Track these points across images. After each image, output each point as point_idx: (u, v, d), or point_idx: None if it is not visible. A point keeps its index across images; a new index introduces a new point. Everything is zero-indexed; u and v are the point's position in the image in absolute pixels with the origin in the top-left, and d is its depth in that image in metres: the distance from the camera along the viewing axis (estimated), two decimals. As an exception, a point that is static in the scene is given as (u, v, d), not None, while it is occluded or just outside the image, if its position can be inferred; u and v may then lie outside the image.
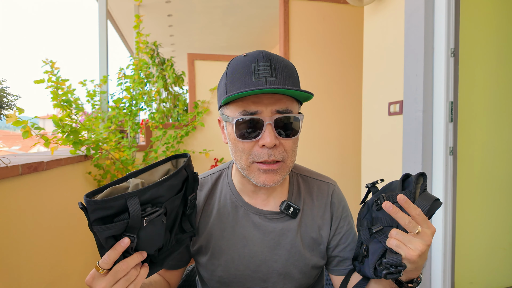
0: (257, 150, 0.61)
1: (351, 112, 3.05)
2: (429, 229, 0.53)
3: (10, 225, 1.02)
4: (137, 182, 0.52)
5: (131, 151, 2.25)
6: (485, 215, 1.79)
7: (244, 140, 0.61)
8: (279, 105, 0.60)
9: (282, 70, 0.61)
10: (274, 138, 0.59)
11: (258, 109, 0.59)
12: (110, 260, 0.47)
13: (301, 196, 0.74)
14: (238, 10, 4.02)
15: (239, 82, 0.60)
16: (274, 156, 0.61)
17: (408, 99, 1.73)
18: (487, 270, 1.80)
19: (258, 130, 0.60)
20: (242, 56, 0.63)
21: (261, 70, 0.59)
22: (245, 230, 0.71)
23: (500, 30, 1.77)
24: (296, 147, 0.66)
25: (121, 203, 0.47)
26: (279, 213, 0.71)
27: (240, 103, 0.60)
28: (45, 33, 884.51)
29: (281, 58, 0.63)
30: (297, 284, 0.73)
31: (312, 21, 2.98)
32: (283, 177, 0.65)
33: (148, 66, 2.53)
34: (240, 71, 0.61)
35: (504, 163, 1.81)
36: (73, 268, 1.54)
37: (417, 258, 0.52)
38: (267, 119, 0.59)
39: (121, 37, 4.71)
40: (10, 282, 1.00)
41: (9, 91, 0.95)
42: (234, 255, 0.71)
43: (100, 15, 2.59)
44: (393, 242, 0.53)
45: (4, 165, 0.97)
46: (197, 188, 0.61)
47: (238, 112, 0.60)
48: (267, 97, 0.59)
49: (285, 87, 0.57)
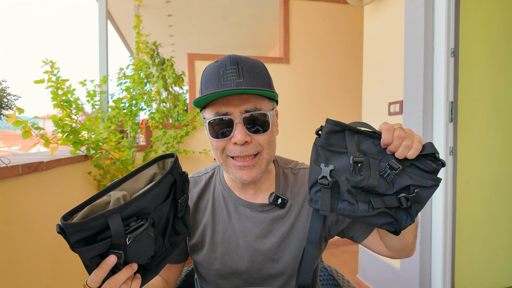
0: (230, 147, 0.66)
1: (351, 112, 3.05)
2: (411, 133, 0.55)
3: (10, 225, 1.02)
4: (118, 196, 0.49)
5: (131, 151, 2.25)
6: (485, 215, 1.78)
7: (218, 139, 0.66)
8: (247, 105, 0.65)
9: (249, 71, 0.65)
10: (244, 135, 0.64)
11: (228, 110, 0.64)
12: (98, 279, 0.46)
13: (289, 187, 0.78)
14: (238, 10, 4.02)
15: (211, 86, 0.64)
16: (246, 152, 0.65)
17: (408, 99, 1.73)
18: (487, 270, 1.80)
19: (229, 129, 0.65)
20: (214, 62, 0.67)
21: (229, 74, 0.64)
22: (238, 223, 0.75)
23: (500, 30, 1.77)
24: (274, 141, 0.70)
25: (101, 222, 0.45)
26: (269, 205, 0.75)
27: (213, 106, 0.65)
28: (45, 33, 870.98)
29: (249, 60, 0.67)
30: (292, 267, 0.75)
31: (312, 21, 2.98)
32: (261, 171, 0.69)
33: (148, 66, 2.53)
34: (211, 76, 0.65)
35: (504, 163, 1.81)
36: (73, 268, 1.54)
37: (419, 137, 0.54)
38: (236, 118, 0.64)
39: (121, 37, 4.71)
40: (10, 282, 1.00)
41: (9, 91, 0.95)
42: (229, 248, 0.75)
43: (100, 15, 2.59)
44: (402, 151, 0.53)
45: (4, 165, 0.97)
46: (187, 189, 0.61)
47: (212, 114, 0.66)
48: (235, 99, 0.64)
49: (245, 88, 0.61)
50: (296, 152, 2.83)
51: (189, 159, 2.65)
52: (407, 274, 1.75)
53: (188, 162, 2.63)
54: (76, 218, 0.46)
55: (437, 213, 1.64)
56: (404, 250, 0.73)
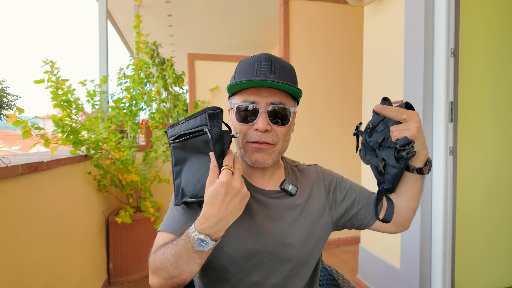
0: (251, 132, 0.74)
1: (351, 112, 3.05)
2: (412, 113, 0.65)
3: (10, 225, 1.02)
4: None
5: (131, 151, 2.25)
6: (485, 215, 1.79)
7: (242, 123, 0.74)
8: (273, 98, 0.73)
9: (280, 70, 0.73)
10: (266, 123, 0.72)
11: (256, 99, 0.72)
12: (231, 161, 0.63)
13: (297, 179, 0.86)
14: (238, 10, 4.02)
15: (244, 76, 0.73)
16: (265, 138, 0.73)
17: (408, 99, 1.73)
18: (487, 270, 1.80)
19: (254, 116, 0.73)
20: (250, 57, 0.76)
21: (262, 68, 0.72)
22: (250, 207, 0.78)
23: (500, 30, 1.77)
24: (289, 136, 0.78)
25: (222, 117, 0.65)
26: (279, 192, 0.81)
27: (243, 94, 0.74)
28: (45, 33, 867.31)
29: (282, 60, 0.75)
30: (300, 254, 0.78)
31: (312, 21, 2.98)
32: (273, 159, 0.76)
33: (148, 66, 2.53)
34: (246, 68, 0.74)
35: (504, 163, 1.81)
36: (73, 268, 1.54)
37: (417, 132, 0.64)
38: (262, 107, 0.72)
39: (121, 37, 4.71)
40: (10, 282, 1.00)
41: (9, 91, 0.95)
42: (240, 231, 0.76)
43: (100, 15, 2.59)
44: (396, 133, 0.65)
45: (4, 165, 0.97)
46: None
47: (240, 100, 0.74)
48: (265, 91, 0.72)
49: (273, 80, 0.69)
50: (296, 152, 2.83)
51: (189, 159, 2.65)
52: (407, 274, 1.75)
53: (188, 162, 2.63)
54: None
55: (437, 213, 1.64)
56: (404, 224, 0.83)
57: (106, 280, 2.13)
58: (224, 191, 0.58)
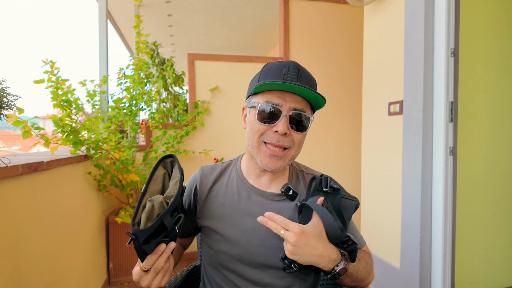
0: (269, 134, 0.74)
1: (351, 112, 3.05)
2: (291, 231, 0.65)
3: (10, 225, 1.02)
4: (161, 200, 0.66)
5: (131, 151, 2.25)
6: (485, 215, 1.79)
7: (262, 122, 0.74)
8: (297, 104, 0.74)
9: (306, 79, 0.75)
10: (286, 127, 0.72)
11: (280, 102, 0.73)
12: (153, 262, 0.65)
13: (300, 185, 0.85)
14: (238, 10, 4.02)
15: (271, 79, 0.74)
16: (282, 142, 0.74)
17: (408, 99, 1.73)
18: (487, 270, 1.80)
19: (275, 118, 0.73)
20: (278, 61, 0.78)
21: (290, 74, 0.74)
22: (249, 208, 0.80)
23: (500, 30, 1.77)
24: (303, 143, 0.79)
25: (157, 223, 0.63)
26: (280, 195, 0.81)
27: (267, 95, 0.74)
28: (45, 33, 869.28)
29: (307, 71, 0.78)
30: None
31: (312, 21, 2.98)
32: (285, 165, 0.77)
33: (148, 66, 2.53)
34: (273, 71, 0.75)
35: (504, 163, 1.81)
36: (73, 268, 1.54)
37: (290, 255, 0.66)
38: (285, 111, 0.73)
39: (121, 37, 4.71)
40: (10, 282, 1.00)
41: (9, 91, 0.95)
42: (237, 230, 0.78)
43: (100, 15, 2.59)
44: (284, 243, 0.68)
45: (4, 165, 0.97)
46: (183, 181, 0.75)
47: (264, 101, 0.74)
48: (289, 95, 0.73)
49: (302, 85, 0.70)
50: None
51: (189, 159, 2.65)
52: (407, 274, 1.75)
53: (188, 162, 2.63)
54: (141, 225, 0.64)
55: (437, 213, 1.64)
56: None
57: (106, 280, 2.13)
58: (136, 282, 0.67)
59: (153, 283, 0.66)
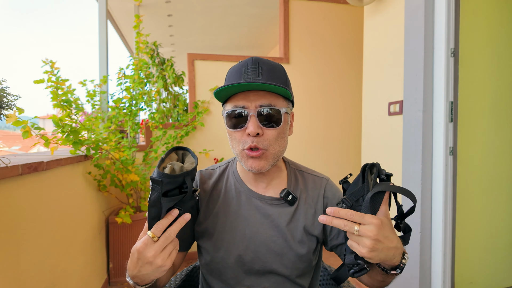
0: (244, 138, 0.72)
1: (351, 112, 3.05)
2: (369, 224, 0.55)
3: (10, 225, 1.02)
4: (181, 165, 0.62)
5: (131, 151, 2.25)
6: (485, 215, 1.79)
7: (234, 129, 0.72)
8: (262, 100, 0.70)
9: (268, 71, 0.71)
10: (257, 127, 0.69)
11: (245, 104, 0.70)
12: (163, 227, 0.57)
13: (298, 187, 0.83)
14: (238, 10, 4.02)
15: (231, 82, 0.70)
16: (257, 143, 0.70)
17: (408, 99, 1.73)
18: (487, 270, 1.80)
19: (244, 121, 0.71)
20: (239, 62, 0.75)
21: (249, 72, 0.71)
22: (247, 213, 0.79)
23: (500, 30, 1.77)
24: (282, 138, 0.74)
25: (180, 180, 0.58)
26: (279, 199, 0.79)
27: (233, 100, 0.72)
28: (45, 33, 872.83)
29: (269, 62, 0.74)
30: (293, 266, 0.77)
31: (312, 21, 2.98)
32: (269, 164, 0.73)
33: (148, 66, 2.53)
34: (234, 74, 0.73)
35: (504, 163, 1.81)
36: (73, 268, 1.54)
37: (369, 254, 0.55)
38: (251, 111, 0.70)
39: (121, 37, 4.71)
40: (10, 282, 1.00)
41: (9, 91, 0.95)
42: (235, 236, 0.77)
43: (100, 15, 2.59)
44: (349, 242, 0.59)
45: (4, 165, 0.97)
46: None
47: (231, 107, 0.72)
48: (252, 94, 0.70)
49: (257, 82, 0.67)
50: (295, 153, 2.83)
51: (189, 159, 2.65)
52: (407, 274, 1.75)
53: (188, 162, 2.64)
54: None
55: (437, 213, 1.64)
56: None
57: (106, 280, 2.13)
58: (136, 257, 0.58)
59: (160, 256, 0.57)
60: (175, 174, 0.57)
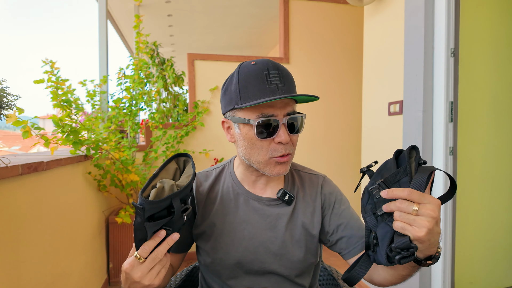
0: (274, 146, 0.71)
1: (351, 112, 3.05)
2: (430, 203, 0.50)
3: (10, 225, 1.02)
4: (172, 183, 0.59)
5: (131, 151, 2.25)
6: (485, 215, 1.79)
7: (263, 138, 0.70)
8: (288, 108, 0.71)
9: (286, 77, 0.71)
10: (288, 135, 0.70)
11: (273, 112, 0.69)
12: (149, 249, 0.56)
13: (295, 186, 0.83)
14: (238, 10, 4.02)
15: (255, 88, 0.68)
16: (288, 150, 0.72)
17: (408, 99, 1.73)
18: (487, 270, 1.80)
19: (273, 129, 0.70)
20: (251, 64, 0.71)
21: (273, 78, 0.69)
22: (245, 214, 0.79)
23: (500, 30, 1.77)
24: None
25: (166, 203, 0.56)
26: (276, 200, 0.80)
27: (257, 107, 0.69)
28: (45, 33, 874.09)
29: (282, 66, 0.73)
30: (292, 266, 0.77)
31: (312, 21, 2.98)
32: (290, 166, 0.76)
33: (148, 66, 2.53)
34: (254, 78, 0.69)
35: (504, 163, 1.81)
36: (73, 268, 1.54)
37: (426, 236, 0.50)
38: (282, 120, 0.70)
39: (121, 37, 4.71)
40: (10, 282, 1.00)
41: (9, 91, 0.95)
42: (234, 238, 0.77)
43: (100, 15, 2.59)
44: (398, 224, 0.52)
45: (4, 165, 0.97)
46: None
47: (256, 115, 0.69)
48: (279, 102, 0.69)
49: (298, 94, 0.67)
50: (295, 153, 2.83)
51: (189, 159, 2.65)
52: (407, 274, 1.75)
53: (188, 162, 2.64)
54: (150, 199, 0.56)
55: (437, 213, 1.65)
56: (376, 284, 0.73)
57: (106, 280, 2.13)
58: (124, 277, 0.58)
59: (147, 277, 0.56)
60: (158, 200, 0.55)
